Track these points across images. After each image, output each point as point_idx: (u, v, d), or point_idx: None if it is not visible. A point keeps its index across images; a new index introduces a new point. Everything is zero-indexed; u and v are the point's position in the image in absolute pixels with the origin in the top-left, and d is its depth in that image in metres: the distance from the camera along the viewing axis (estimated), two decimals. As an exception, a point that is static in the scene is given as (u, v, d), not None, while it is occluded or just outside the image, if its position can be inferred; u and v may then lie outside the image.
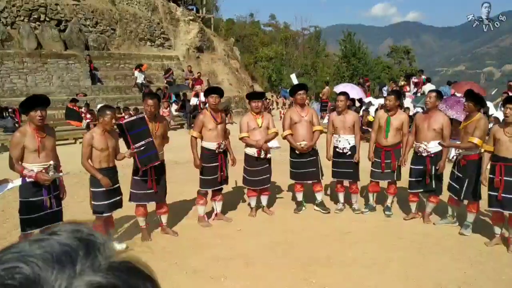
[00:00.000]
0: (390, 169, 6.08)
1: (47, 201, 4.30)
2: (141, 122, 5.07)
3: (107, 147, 4.81)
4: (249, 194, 6.40)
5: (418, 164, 5.84)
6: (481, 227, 5.59)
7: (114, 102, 16.61)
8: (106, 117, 4.75)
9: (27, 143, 4.13)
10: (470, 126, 5.31)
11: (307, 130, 6.22)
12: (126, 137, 5.02)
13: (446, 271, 4.47)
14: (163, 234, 5.61)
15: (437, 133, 5.65)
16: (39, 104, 4.16)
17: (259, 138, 6.03)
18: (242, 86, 24.97)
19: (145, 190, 5.26)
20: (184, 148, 5.48)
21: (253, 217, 6.34)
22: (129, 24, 20.76)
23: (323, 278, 4.35)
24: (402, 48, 50.16)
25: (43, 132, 4.26)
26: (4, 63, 15.31)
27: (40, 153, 4.19)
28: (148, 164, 5.12)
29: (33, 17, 16.94)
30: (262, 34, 52.21)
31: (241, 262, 4.78)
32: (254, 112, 6.13)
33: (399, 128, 6.05)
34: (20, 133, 4.17)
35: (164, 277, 4.40)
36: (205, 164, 5.79)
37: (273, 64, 43.85)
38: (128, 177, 5.50)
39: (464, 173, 5.41)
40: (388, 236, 5.51)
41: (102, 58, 18.56)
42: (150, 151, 5.09)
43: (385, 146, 6.09)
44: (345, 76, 37.37)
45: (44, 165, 4.23)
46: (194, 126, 5.83)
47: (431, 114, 5.74)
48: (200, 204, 5.98)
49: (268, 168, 6.20)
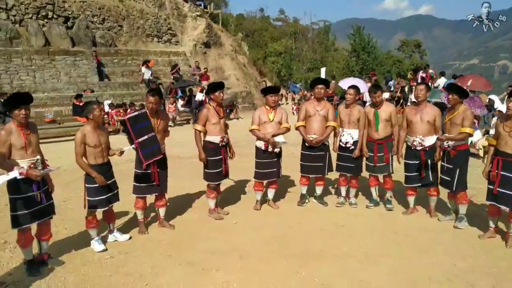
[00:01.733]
0: (383, 162, 6.10)
1: (37, 196, 4.35)
2: (143, 117, 5.20)
3: (99, 143, 4.87)
4: (255, 188, 6.44)
5: (412, 159, 5.83)
6: (478, 221, 5.56)
7: (121, 98, 16.78)
8: (95, 111, 4.81)
9: (13, 140, 4.17)
10: (457, 118, 5.37)
11: (320, 125, 6.24)
12: (129, 132, 5.13)
13: (438, 264, 4.47)
14: (160, 228, 5.68)
15: (430, 125, 5.67)
16: (22, 103, 4.21)
17: (269, 131, 6.08)
18: (249, 81, 24.99)
19: (148, 183, 5.39)
20: (188, 143, 5.54)
21: (258, 210, 6.39)
22: (136, 21, 20.89)
23: (314, 271, 4.37)
24: (413, 41, 49.74)
25: (27, 129, 4.31)
26: (13, 60, 15.54)
27: (27, 149, 4.24)
28: (152, 158, 5.25)
29: (41, 14, 17.14)
30: (272, 29, 52.13)
31: (236, 255, 4.82)
32: (269, 106, 6.17)
33: (388, 120, 6.08)
34: (5, 131, 4.20)
35: (158, 270, 4.49)
36: (209, 158, 5.86)
37: (282, 59, 43.80)
38: (123, 173, 5.59)
39: (455, 164, 5.45)
40: (383, 230, 5.51)
41: (109, 55, 18.72)
42: (153, 145, 5.22)
43: (377, 140, 6.10)
44: (355, 71, 37.15)
45: (32, 160, 4.28)
46: (198, 120, 5.89)
47: (422, 107, 5.75)
48: (211, 197, 6.07)
49: (276, 162, 6.24)
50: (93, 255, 4.84)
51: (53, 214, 4.64)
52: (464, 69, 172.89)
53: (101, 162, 4.93)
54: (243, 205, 6.67)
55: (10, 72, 15.42)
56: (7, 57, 15.43)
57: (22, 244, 4.40)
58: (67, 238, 5.33)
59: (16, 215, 4.25)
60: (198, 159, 5.92)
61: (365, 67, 36.67)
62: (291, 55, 46.68)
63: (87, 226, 4.98)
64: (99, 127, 4.95)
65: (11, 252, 4.92)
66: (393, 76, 24.75)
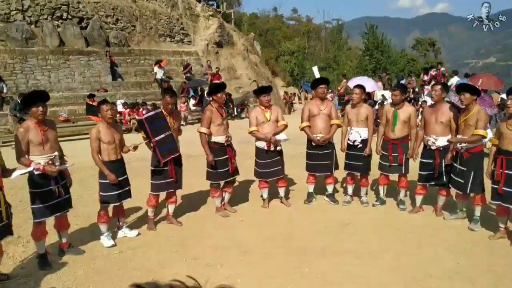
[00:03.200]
0: (397, 163, 6.10)
1: (55, 191, 4.55)
2: (160, 117, 5.41)
3: (113, 140, 5.06)
4: (261, 186, 6.53)
5: (427, 158, 5.84)
6: (484, 221, 5.51)
7: (134, 98, 17.00)
8: (103, 111, 5.00)
9: (31, 137, 4.34)
10: (470, 119, 5.26)
11: (325, 123, 6.31)
12: (146, 131, 5.32)
13: (439, 261, 4.52)
14: (168, 224, 5.81)
15: (445, 126, 5.63)
16: (40, 100, 4.39)
17: (268, 131, 6.15)
18: (261, 80, 25.03)
19: (166, 180, 5.56)
20: (198, 142, 5.66)
21: (266, 208, 6.48)
22: (149, 21, 21.10)
23: (317, 267, 4.45)
24: (427, 40, 49.22)
25: (45, 125, 4.49)
26: (28, 61, 15.85)
27: (44, 145, 4.43)
28: (169, 156, 5.44)
29: (55, 15, 17.42)
30: (285, 28, 52.07)
31: (239, 251, 4.94)
32: (263, 105, 6.25)
33: (406, 121, 6.05)
34: (23, 128, 4.38)
35: (165, 265, 4.62)
36: (216, 158, 5.96)
37: (295, 58, 43.74)
38: (135, 170, 5.74)
39: (469, 166, 5.36)
40: (386, 227, 5.56)
41: (123, 55, 18.95)
42: (170, 144, 5.43)
43: (393, 139, 6.10)
44: (368, 70, 36.97)
45: (50, 156, 4.47)
46: (202, 123, 5.98)
47: (438, 107, 5.71)
48: (216, 196, 6.19)
49: (279, 160, 6.32)
50: (102, 250, 4.99)
51: (70, 207, 4.86)
52: (481, 68, 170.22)
53: (114, 159, 5.10)
54: (249, 203, 6.78)
55: (26, 72, 15.73)
56: (22, 57, 15.75)
57: (36, 237, 4.58)
58: (77, 234, 5.49)
59: (34, 208, 4.49)
60: (202, 157, 6.04)
61: (378, 66, 36.46)
62: (304, 54, 46.61)
63: (98, 220, 5.16)
64: (114, 125, 5.14)
65: (24, 246, 5.10)
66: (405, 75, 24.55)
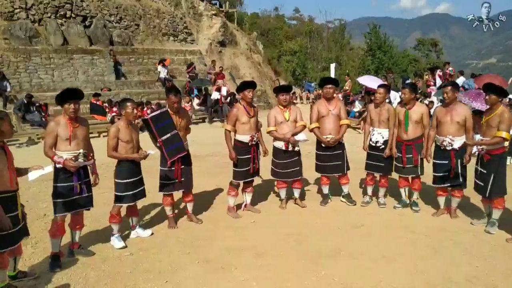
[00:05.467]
0: (412, 164, 5.98)
1: (77, 187, 4.54)
2: (165, 116, 5.32)
3: (132, 139, 5.04)
4: (279, 186, 6.45)
5: (442, 159, 5.71)
6: (503, 223, 5.38)
7: (138, 97, 16.91)
8: (127, 109, 4.98)
9: (60, 131, 4.43)
10: (493, 120, 5.12)
11: (334, 124, 6.21)
12: (152, 131, 5.23)
13: (457, 265, 4.42)
14: (179, 225, 5.74)
15: (460, 126, 5.51)
16: (73, 98, 4.46)
17: (287, 131, 6.06)
18: (265, 80, 24.98)
19: (174, 180, 5.50)
20: (204, 142, 5.54)
21: (284, 209, 6.39)
22: (152, 20, 21.03)
23: (331, 269, 4.36)
24: (429, 40, 49.20)
25: (76, 122, 4.54)
26: (32, 59, 15.78)
27: (71, 141, 4.47)
28: (176, 155, 5.36)
29: (59, 13, 17.36)
30: (287, 27, 51.98)
31: (252, 253, 4.84)
32: (281, 105, 6.15)
33: (419, 121, 5.93)
34: (54, 122, 4.50)
35: (176, 267, 4.52)
36: (238, 157, 5.89)
37: (297, 58, 43.66)
38: (147, 170, 5.65)
39: (489, 168, 5.21)
40: (401, 229, 5.46)
41: (126, 53, 18.88)
42: (177, 143, 5.35)
43: (406, 140, 5.98)
44: (370, 70, 36.88)
45: (74, 153, 4.49)
46: (228, 120, 5.93)
47: (452, 107, 5.58)
48: (232, 195, 6.11)
49: (297, 160, 6.23)
50: (113, 252, 4.90)
51: (90, 206, 4.82)
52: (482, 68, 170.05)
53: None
54: (260, 204, 6.67)
55: (30, 70, 15.66)
56: (26, 56, 15.68)
57: (52, 233, 4.56)
58: (87, 235, 5.39)
59: (56, 203, 4.50)
60: (213, 157, 5.95)
61: (380, 66, 36.38)
62: (306, 54, 46.50)
63: (110, 220, 5.08)
64: (132, 124, 5.10)
65: (33, 247, 5.01)
66: (409, 75, 24.47)
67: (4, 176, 3.72)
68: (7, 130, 3.80)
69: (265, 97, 22.83)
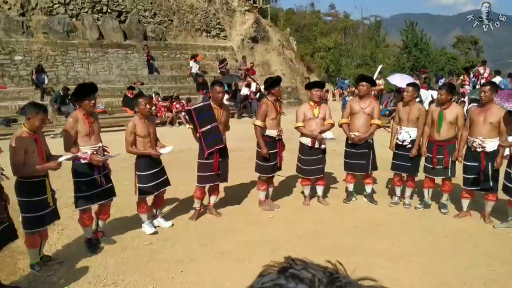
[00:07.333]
0: (442, 165, 5.82)
1: (98, 180, 4.70)
2: (207, 108, 5.51)
3: (148, 133, 5.16)
4: (303, 183, 6.48)
5: (472, 161, 5.55)
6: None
7: (170, 91, 17.20)
8: (140, 105, 5.10)
9: (79, 127, 4.53)
10: None
11: (364, 122, 6.16)
12: (194, 121, 5.44)
13: (475, 267, 4.34)
14: (199, 218, 5.84)
15: (493, 127, 5.33)
16: (92, 93, 4.59)
17: (315, 128, 6.07)
18: (296, 76, 24.88)
19: (211, 172, 5.62)
20: (232, 137, 5.60)
21: (308, 205, 6.41)
22: (186, 15, 21.29)
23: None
24: (469, 38, 47.63)
25: (92, 117, 4.67)
26: (69, 53, 16.31)
27: (90, 136, 4.61)
28: (214, 147, 5.50)
29: (96, 9, 17.86)
30: (322, 24, 51.51)
31: (268, 248, 4.89)
32: (314, 101, 6.15)
33: (453, 122, 5.76)
34: (73, 118, 4.56)
35: (193, 258, 4.63)
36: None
37: (331, 55, 43.20)
38: (167, 163, 5.78)
39: None
40: (420, 230, 5.39)
41: (160, 48, 19.20)
42: (215, 135, 5.50)
43: (438, 141, 5.83)
44: (405, 67, 36.05)
45: (95, 147, 4.65)
46: (258, 116, 5.97)
47: (487, 107, 5.41)
48: (262, 189, 6.21)
49: (321, 158, 6.23)
50: (132, 241, 5.06)
51: (113, 196, 4.99)
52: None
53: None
54: (279, 200, 6.69)
55: (66, 64, 16.20)
56: (64, 50, 16.22)
57: (82, 223, 4.78)
58: (110, 224, 5.56)
59: (77, 197, 4.65)
60: (238, 152, 6.02)
61: (416, 64, 35.53)
62: (340, 51, 45.94)
63: (139, 210, 5.28)
64: (148, 119, 5.22)
65: (59, 234, 5.24)
66: (445, 74, 23.82)
67: (34, 163, 3.96)
68: (41, 123, 4.05)
69: (296, 94, 22.75)
